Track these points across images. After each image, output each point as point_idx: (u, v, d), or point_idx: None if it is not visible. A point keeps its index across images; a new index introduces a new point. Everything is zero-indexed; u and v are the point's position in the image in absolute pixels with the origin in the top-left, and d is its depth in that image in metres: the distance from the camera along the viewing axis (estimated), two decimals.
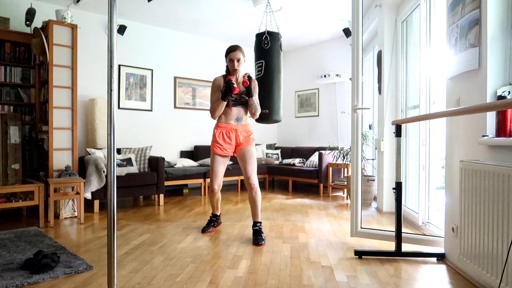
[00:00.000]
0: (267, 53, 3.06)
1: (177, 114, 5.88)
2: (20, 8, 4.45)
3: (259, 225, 2.97)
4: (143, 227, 3.35)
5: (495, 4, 1.93)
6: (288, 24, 5.46)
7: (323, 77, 6.04)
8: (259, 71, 3.10)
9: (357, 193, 2.86)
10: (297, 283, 2.05)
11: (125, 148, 4.87)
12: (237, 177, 5.60)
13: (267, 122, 3.16)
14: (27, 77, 4.38)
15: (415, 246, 2.70)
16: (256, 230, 2.95)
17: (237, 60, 2.91)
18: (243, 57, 2.96)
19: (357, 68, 2.86)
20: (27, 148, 4.32)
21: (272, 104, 3.07)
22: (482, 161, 1.90)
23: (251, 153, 2.97)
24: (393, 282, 2.07)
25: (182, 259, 2.44)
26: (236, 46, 2.93)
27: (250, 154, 2.97)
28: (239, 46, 2.95)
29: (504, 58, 1.94)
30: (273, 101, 3.07)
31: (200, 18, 5.24)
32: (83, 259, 2.38)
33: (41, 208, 3.37)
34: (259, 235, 2.90)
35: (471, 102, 2.11)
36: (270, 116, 3.08)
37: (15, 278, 2.04)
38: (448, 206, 2.40)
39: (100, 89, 5.06)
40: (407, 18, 3.74)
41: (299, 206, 4.47)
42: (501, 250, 1.64)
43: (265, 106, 3.09)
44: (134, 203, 4.63)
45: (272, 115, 3.08)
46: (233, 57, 2.90)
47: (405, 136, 3.74)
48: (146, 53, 5.53)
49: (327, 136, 6.29)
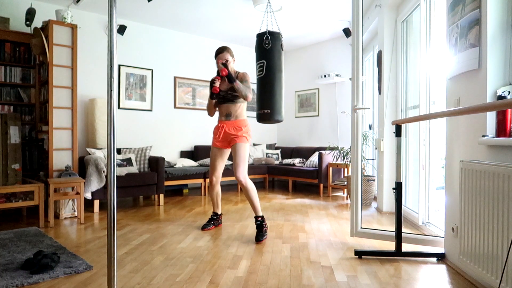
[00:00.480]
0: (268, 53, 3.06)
1: (177, 114, 5.88)
2: (20, 8, 4.46)
3: (260, 219, 2.99)
4: (143, 227, 3.35)
5: (495, 4, 1.93)
6: (288, 24, 5.46)
7: (323, 77, 6.04)
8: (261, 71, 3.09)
9: (357, 193, 2.86)
10: (297, 283, 2.05)
11: (125, 148, 4.87)
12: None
13: (269, 122, 3.16)
14: (27, 77, 4.38)
15: (415, 246, 2.70)
16: (257, 225, 2.98)
17: (225, 61, 3.06)
18: (231, 57, 3.11)
19: (357, 68, 2.86)
20: (27, 148, 4.31)
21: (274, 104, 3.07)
22: (482, 161, 1.90)
23: (238, 149, 3.03)
24: (393, 282, 2.07)
25: (182, 259, 2.44)
26: (223, 48, 3.08)
27: (237, 150, 3.03)
28: (226, 47, 3.09)
29: (504, 58, 1.94)
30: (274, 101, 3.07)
31: (200, 18, 5.24)
32: (83, 259, 2.38)
33: (41, 208, 3.37)
34: (260, 231, 2.95)
35: (471, 102, 2.11)
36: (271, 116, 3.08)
37: (15, 278, 2.04)
38: (448, 206, 2.40)
39: (100, 89, 5.06)
40: (407, 18, 3.74)
41: (299, 206, 4.47)
42: (501, 250, 1.64)
43: (266, 106, 3.08)
44: (134, 203, 4.63)
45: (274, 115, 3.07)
46: (221, 58, 3.06)
47: (405, 136, 3.74)
48: (146, 53, 5.53)
49: (327, 136, 6.29)
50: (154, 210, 4.19)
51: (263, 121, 3.15)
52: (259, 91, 3.12)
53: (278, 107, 3.09)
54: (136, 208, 4.33)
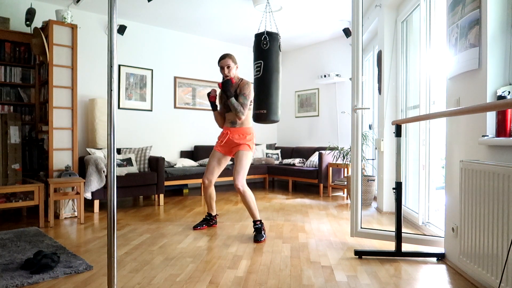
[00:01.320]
0: (266, 54, 3.06)
1: (177, 114, 5.88)
2: (20, 8, 4.46)
3: (258, 223, 3.01)
4: (143, 227, 3.35)
5: (495, 4, 1.93)
6: (288, 24, 5.46)
7: (323, 77, 6.04)
8: (258, 71, 3.10)
9: (357, 193, 2.86)
10: (297, 283, 2.05)
11: (125, 148, 4.87)
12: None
13: (265, 122, 3.16)
14: (27, 77, 4.38)
15: (415, 246, 2.70)
16: (255, 228, 3.00)
17: (226, 67, 3.15)
18: (234, 63, 3.20)
19: (357, 68, 2.86)
20: (27, 148, 4.31)
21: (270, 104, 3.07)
22: (482, 161, 1.90)
23: (241, 156, 3.09)
24: (393, 282, 2.07)
25: (182, 259, 2.44)
26: (225, 55, 3.18)
27: (239, 157, 3.09)
28: (228, 54, 3.19)
29: (504, 58, 1.94)
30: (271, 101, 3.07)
31: (200, 18, 5.24)
32: (83, 259, 2.38)
33: (41, 208, 3.37)
34: (259, 232, 2.97)
35: (471, 102, 2.11)
36: (268, 116, 3.08)
37: (15, 278, 2.04)
38: (448, 206, 2.40)
39: (100, 89, 5.06)
40: (407, 18, 3.74)
41: (299, 206, 4.47)
42: (501, 250, 1.64)
43: (263, 106, 3.09)
44: (134, 203, 4.63)
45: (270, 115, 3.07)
46: (223, 64, 3.16)
47: (405, 136, 3.74)
48: (146, 53, 5.53)
49: (327, 136, 6.29)
50: (154, 210, 4.19)
51: (259, 121, 3.15)
52: (256, 91, 3.12)
53: (274, 108, 3.09)
54: (136, 208, 4.33)
